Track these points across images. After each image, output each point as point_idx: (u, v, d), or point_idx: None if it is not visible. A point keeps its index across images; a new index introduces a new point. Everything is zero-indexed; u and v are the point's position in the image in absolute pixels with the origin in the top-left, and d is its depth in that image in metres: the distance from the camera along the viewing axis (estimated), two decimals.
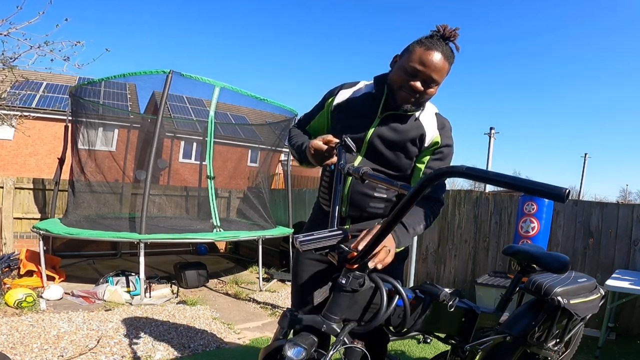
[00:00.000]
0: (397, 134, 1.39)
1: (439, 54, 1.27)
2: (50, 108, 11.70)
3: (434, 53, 1.26)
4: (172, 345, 2.87)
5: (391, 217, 0.88)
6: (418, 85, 1.30)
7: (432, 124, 1.41)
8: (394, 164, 1.42)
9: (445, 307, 1.13)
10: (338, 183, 1.18)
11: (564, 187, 0.63)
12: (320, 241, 0.98)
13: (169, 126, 7.64)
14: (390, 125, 1.40)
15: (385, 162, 1.42)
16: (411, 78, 1.30)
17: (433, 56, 1.26)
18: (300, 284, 1.57)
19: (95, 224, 4.52)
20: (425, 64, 1.27)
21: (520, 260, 1.67)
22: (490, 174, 0.73)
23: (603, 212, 3.66)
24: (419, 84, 1.30)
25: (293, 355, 0.93)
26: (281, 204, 6.25)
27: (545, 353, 1.67)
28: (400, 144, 1.39)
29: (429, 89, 1.32)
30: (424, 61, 1.27)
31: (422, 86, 1.30)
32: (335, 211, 1.13)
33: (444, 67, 1.29)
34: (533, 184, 0.67)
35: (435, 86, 1.33)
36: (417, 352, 2.97)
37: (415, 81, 1.30)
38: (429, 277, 4.72)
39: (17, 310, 3.31)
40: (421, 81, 1.30)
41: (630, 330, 3.44)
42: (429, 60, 1.26)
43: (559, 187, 0.64)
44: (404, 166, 1.43)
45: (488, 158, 14.99)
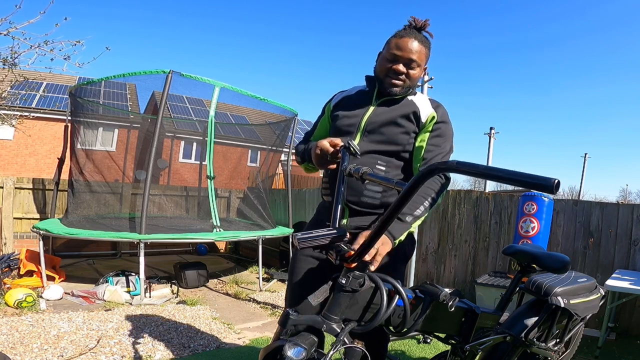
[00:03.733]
0: (389, 111, 1.49)
1: (413, 39, 1.43)
2: (50, 108, 11.70)
3: (408, 39, 1.43)
4: (172, 345, 2.87)
5: (386, 214, 0.88)
6: (400, 68, 1.44)
7: (426, 103, 1.51)
8: (390, 139, 1.47)
9: (445, 307, 1.13)
10: (341, 184, 1.18)
11: (553, 177, 0.62)
12: (318, 239, 0.98)
13: (169, 126, 7.65)
14: (382, 108, 1.51)
15: (382, 139, 1.48)
16: (393, 63, 1.45)
17: (408, 41, 1.43)
18: (296, 281, 1.58)
19: (95, 224, 4.52)
20: (402, 49, 1.43)
21: (520, 260, 1.67)
22: (480, 168, 0.73)
23: (603, 212, 3.66)
24: (400, 66, 1.44)
25: (293, 355, 0.93)
26: (281, 204, 6.25)
27: (545, 353, 1.67)
28: (392, 119, 1.47)
29: (411, 70, 1.46)
30: (400, 46, 1.43)
31: (404, 68, 1.45)
32: (337, 211, 1.13)
33: (421, 50, 1.44)
34: (521, 176, 0.66)
35: (417, 67, 1.47)
36: (417, 352, 2.97)
37: (397, 64, 1.44)
38: (429, 277, 4.72)
39: (17, 310, 3.31)
40: (402, 64, 1.45)
41: (630, 330, 3.44)
42: (405, 44, 1.43)
43: (547, 178, 0.62)
44: (401, 141, 1.47)
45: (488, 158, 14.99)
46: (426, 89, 4.02)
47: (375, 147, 1.47)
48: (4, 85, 4.97)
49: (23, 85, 5.29)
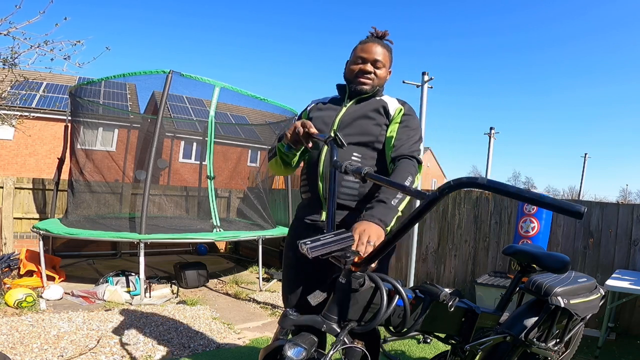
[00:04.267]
0: (360, 108, 1.64)
1: (376, 44, 1.62)
2: (50, 108, 11.70)
3: (372, 44, 1.62)
4: (172, 345, 2.87)
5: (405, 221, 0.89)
6: (368, 67, 1.61)
7: (393, 100, 1.67)
8: (363, 130, 1.59)
9: (445, 307, 1.13)
10: (332, 181, 1.16)
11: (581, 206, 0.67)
12: (330, 246, 0.96)
13: (169, 126, 7.64)
14: (354, 106, 1.65)
15: (355, 131, 1.59)
16: (361, 64, 1.62)
17: (372, 45, 1.62)
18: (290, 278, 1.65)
19: (95, 224, 4.52)
20: (368, 51, 1.61)
21: (520, 260, 1.67)
22: (511, 188, 0.75)
23: (603, 212, 3.66)
24: (368, 66, 1.61)
25: (293, 355, 0.93)
26: (281, 204, 6.25)
27: (545, 353, 1.67)
28: (364, 113, 1.61)
29: (377, 70, 1.62)
30: (366, 50, 1.61)
31: (372, 68, 1.61)
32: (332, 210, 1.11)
33: (384, 52, 1.63)
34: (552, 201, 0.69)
35: (383, 67, 1.64)
36: (417, 352, 2.97)
37: (365, 65, 1.61)
38: (429, 277, 4.72)
39: (17, 310, 3.31)
40: (370, 64, 1.61)
41: (630, 330, 3.44)
42: (370, 48, 1.61)
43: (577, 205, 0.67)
44: (374, 132, 1.59)
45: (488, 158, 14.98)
46: (426, 89, 4.01)
47: (350, 139, 1.55)
48: (4, 85, 4.98)
49: (23, 85, 5.29)
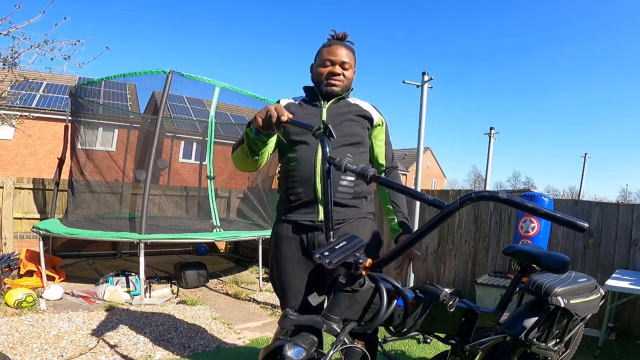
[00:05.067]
0: (341, 109, 1.68)
1: (341, 46, 1.65)
2: (50, 108, 11.70)
3: (337, 46, 1.65)
4: (172, 345, 2.87)
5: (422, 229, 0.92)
6: (337, 69, 1.63)
7: (368, 106, 1.74)
8: (351, 132, 1.64)
9: (445, 307, 1.13)
10: (327, 175, 1.11)
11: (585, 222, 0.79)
12: (346, 253, 0.97)
13: (169, 126, 7.64)
14: (333, 107, 1.68)
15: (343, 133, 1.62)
16: (329, 67, 1.64)
17: (337, 48, 1.64)
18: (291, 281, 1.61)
19: (95, 224, 4.52)
20: (334, 54, 1.63)
21: (520, 260, 1.67)
22: (528, 204, 0.83)
23: (603, 212, 3.66)
24: (337, 67, 1.64)
25: (293, 355, 0.92)
26: None
27: (545, 353, 1.67)
28: (347, 116, 1.66)
29: (345, 71, 1.65)
30: (331, 52, 1.64)
31: (340, 69, 1.64)
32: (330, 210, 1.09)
33: (349, 53, 1.66)
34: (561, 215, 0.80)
35: (350, 68, 1.67)
36: (417, 352, 2.97)
37: (334, 67, 1.64)
38: (429, 277, 4.72)
39: (17, 310, 3.31)
40: (338, 66, 1.64)
41: (630, 330, 3.44)
42: (335, 50, 1.64)
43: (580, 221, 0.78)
44: (360, 132, 1.66)
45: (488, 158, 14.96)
46: (426, 89, 4.01)
47: (340, 142, 1.59)
48: (4, 85, 4.98)
49: (23, 85, 5.29)
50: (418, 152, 4.12)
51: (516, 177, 44.08)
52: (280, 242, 1.63)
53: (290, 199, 1.62)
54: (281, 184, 1.70)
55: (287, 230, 1.62)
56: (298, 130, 1.54)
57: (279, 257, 1.63)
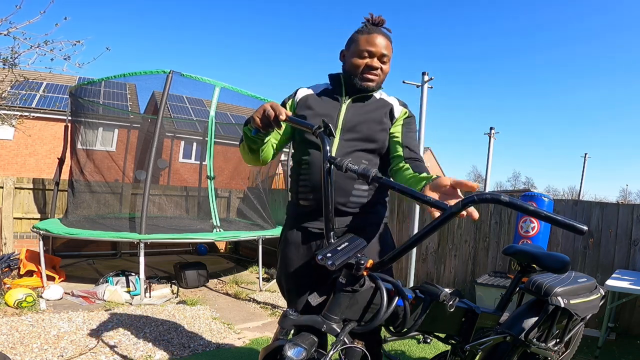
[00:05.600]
0: (365, 111, 1.51)
1: (381, 35, 1.47)
2: (50, 108, 11.70)
3: (377, 35, 1.46)
4: (172, 345, 2.87)
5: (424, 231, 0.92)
6: (376, 63, 1.47)
7: (395, 101, 1.58)
8: (370, 136, 1.49)
9: (445, 307, 1.13)
10: (327, 175, 1.11)
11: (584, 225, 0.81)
12: (348, 254, 0.97)
13: (169, 126, 7.65)
14: (356, 106, 1.52)
15: (361, 136, 1.48)
16: (367, 60, 1.47)
17: (377, 37, 1.46)
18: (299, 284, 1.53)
19: (95, 224, 4.52)
20: (374, 44, 1.45)
21: (520, 260, 1.67)
22: (529, 207, 0.84)
23: (603, 212, 3.66)
24: (375, 61, 1.47)
25: (293, 355, 0.92)
26: (281, 204, 6.25)
27: (545, 353, 1.67)
28: (371, 117, 1.50)
29: (383, 65, 1.50)
30: (371, 42, 1.45)
31: (378, 63, 1.48)
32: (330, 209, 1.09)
33: (388, 44, 1.49)
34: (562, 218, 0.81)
35: (388, 62, 1.51)
36: (417, 352, 2.97)
37: (372, 60, 1.47)
38: (429, 277, 4.72)
39: (17, 310, 3.31)
40: (377, 59, 1.48)
41: (630, 330, 3.44)
42: (375, 40, 1.46)
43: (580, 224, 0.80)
44: (380, 138, 1.51)
45: (488, 158, 14.97)
46: (426, 89, 4.01)
47: (356, 146, 1.47)
48: (4, 85, 4.98)
49: (23, 85, 5.29)
50: None
51: (516, 177, 44.09)
52: (289, 249, 1.55)
53: (300, 203, 1.52)
54: (292, 184, 1.59)
55: (297, 237, 1.54)
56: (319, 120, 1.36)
57: (288, 264, 1.55)
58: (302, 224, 1.53)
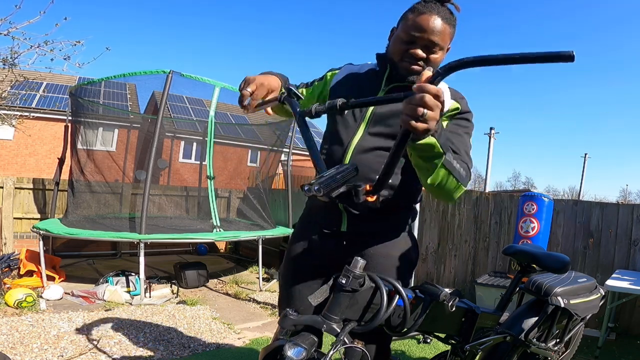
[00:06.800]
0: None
1: (435, 16, 1.18)
2: (50, 108, 11.70)
3: (429, 16, 1.18)
4: (172, 345, 2.87)
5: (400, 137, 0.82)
6: (419, 52, 1.21)
7: (446, 93, 1.22)
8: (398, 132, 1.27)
9: (445, 307, 1.13)
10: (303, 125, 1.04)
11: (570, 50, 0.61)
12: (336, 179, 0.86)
13: (169, 126, 7.64)
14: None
15: (389, 132, 1.25)
16: (410, 46, 1.21)
17: (429, 19, 1.17)
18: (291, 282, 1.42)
19: (95, 224, 4.52)
20: (421, 29, 1.18)
21: (520, 260, 1.67)
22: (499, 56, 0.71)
23: (603, 212, 3.66)
24: (419, 50, 1.21)
25: (293, 355, 0.92)
26: (281, 204, 6.25)
27: (545, 353, 1.67)
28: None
29: (432, 55, 1.22)
30: (419, 26, 1.18)
31: (424, 52, 1.21)
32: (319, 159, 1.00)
33: (444, 29, 1.19)
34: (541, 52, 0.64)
35: (440, 51, 1.22)
36: (417, 352, 2.97)
37: (415, 48, 1.21)
38: (429, 277, 4.72)
39: (17, 310, 3.31)
40: (421, 47, 1.21)
41: (630, 330, 3.44)
42: (425, 23, 1.17)
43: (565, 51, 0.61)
44: None
45: (488, 158, 14.99)
46: None
47: (382, 143, 1.24)
48: (4, 85, 4.98)
49: (23, 85, 5.30)
50: None
51: (516, 177, 44.08)
52: (297, 246, 1.42)
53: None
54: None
55: (307, 234, 1.40)
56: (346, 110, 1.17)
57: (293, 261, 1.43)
58: (314, 220, 1.40)
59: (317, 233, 1.37)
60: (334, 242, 1.34)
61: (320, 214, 1.38)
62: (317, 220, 1.38)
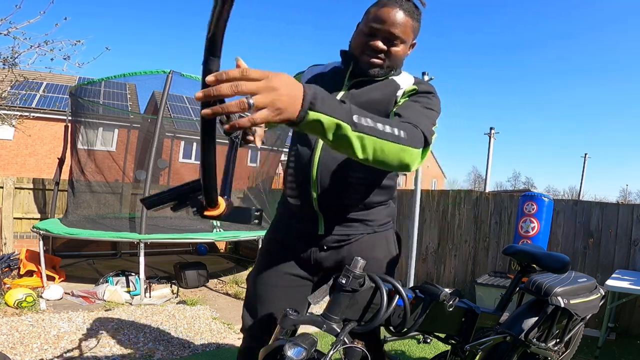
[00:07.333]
0: (363, 94, 1.25)
1: (396, 9, 1.17)
2: (50, 108, 11.71)
3: (391, 9, 1.17)
4: (172, 345, 2.87)
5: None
6: (378, 44, 1.19)
7: (409, 80, 1.28)
8: None
9: (445, 307, 1.13)
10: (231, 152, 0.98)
11: None
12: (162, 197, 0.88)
13: (169, 126, 7.64)
14: (356, 93, 1.26)
15: None
16: (370, 38, 1.20)
17: (390, 11, 1.16)
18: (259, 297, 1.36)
19: (95, 224, 4.52)
20: (381, 20, 1.17)
21: (520, 260, 1.67)
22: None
23: (603, 212, 3.66)
24: (379, 42, 1.19)
25: (293, 355, 0.92)
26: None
27: (545, 353, 1.67)
28: (369, 102, 1.20)
29: (392, 47, 1.20)
30: (379, 18, 1.17)
31: (385, 44, 1.20)
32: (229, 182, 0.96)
33: (405, 22, 1.18)
34: None
35: (401, 44, 1.21)
36: (417, 352, 2.97)
37: (375, 40, 1.19)
38: (429, 277, 4.72)
39: (17, 310, 3.31)
40: (382, 39, 1.19)
41: (630, 330, 3.44)
42: (385, 15, 1.17)
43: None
44: None
45: (488, 158, 14.99)
46: None
47: None
48: (4, 85, 4.98)
49: (23, 85, 5.30)
50: None
51: (516, 177, 44.13)
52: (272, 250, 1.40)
53: (289, 200, 1.34)
54: (283, 179, 1.40)
55: (283, 238, 1.38)
56: None
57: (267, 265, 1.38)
58: (290, 222, 1.37)
59: (294, 237, 1.35)
60: (311, 245, 1.32)
61: (295, 219, 1.35)
62: (292, 224, 1.36)
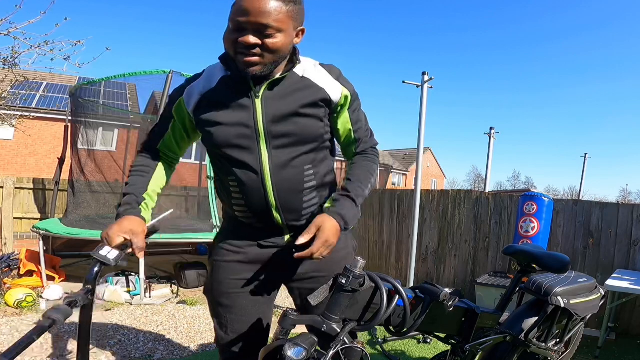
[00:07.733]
0: (289, 101, 1.14)
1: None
2: (50, 108, 11.72)
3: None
4: (172, 345, 2.87)
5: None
6: (249, 39, 1.03)
7: (324, 77, 1.18)
8: (304, 134, 1.16)
9: (445, 307, 1.13)
10: None
11: None
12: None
13: None
14: (274, 97, 1.14)
15: (294, 139, 1.15)
16: (239, 34, 1.04)
17: (253, 0, 1.01)
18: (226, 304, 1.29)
19: (95, 224, 4.52)
20: (246, 12, 1.01)
21: (520, 260, 1.67)
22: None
23: (603, 212, 3.66)
24: (250, 37, 1.03)
25: (293, 355, 0.92)
26: None
27: (545, 353, 1.67)
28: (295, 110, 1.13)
29: (267, 40, 1.04)
30: (244, 9, 1.02)
31: (257, 38, 1.04)
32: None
33: (276, 8, 1.02)
34: None
35: (277, 33, 1.04)
36: (417, 352, 2.97)
37: (244, 36, 1.03)
38: (429, 277, 4.72)
39: (17, 310, 3.31)
40: (252, 33, 1.03)
41: (630, 330, 3.44)
42: (249, 5, 1.01)
43: None
44: (318, 131, 1.18)
45: (488, 158, 14.97)
46: (426, 89, 4.00)
47: (294, 152, 1.15)
48: (4, 85, 4.98)
49: (23, 85, 5.29)
50: (418, 152, 4.12)
51: (516, 177, 44.17)
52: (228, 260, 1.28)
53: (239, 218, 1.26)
54: (221, 194, 1.29)
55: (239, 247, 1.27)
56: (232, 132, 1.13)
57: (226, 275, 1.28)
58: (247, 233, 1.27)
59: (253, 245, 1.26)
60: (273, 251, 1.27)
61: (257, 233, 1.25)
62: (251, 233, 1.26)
